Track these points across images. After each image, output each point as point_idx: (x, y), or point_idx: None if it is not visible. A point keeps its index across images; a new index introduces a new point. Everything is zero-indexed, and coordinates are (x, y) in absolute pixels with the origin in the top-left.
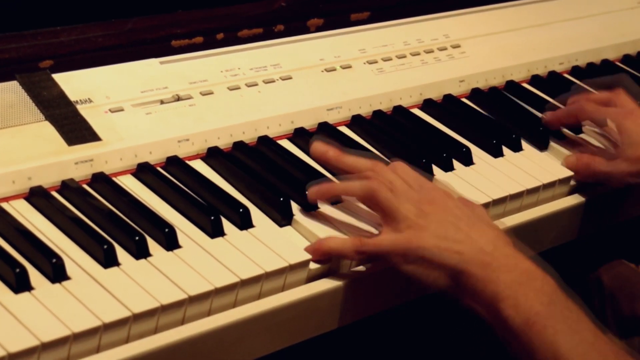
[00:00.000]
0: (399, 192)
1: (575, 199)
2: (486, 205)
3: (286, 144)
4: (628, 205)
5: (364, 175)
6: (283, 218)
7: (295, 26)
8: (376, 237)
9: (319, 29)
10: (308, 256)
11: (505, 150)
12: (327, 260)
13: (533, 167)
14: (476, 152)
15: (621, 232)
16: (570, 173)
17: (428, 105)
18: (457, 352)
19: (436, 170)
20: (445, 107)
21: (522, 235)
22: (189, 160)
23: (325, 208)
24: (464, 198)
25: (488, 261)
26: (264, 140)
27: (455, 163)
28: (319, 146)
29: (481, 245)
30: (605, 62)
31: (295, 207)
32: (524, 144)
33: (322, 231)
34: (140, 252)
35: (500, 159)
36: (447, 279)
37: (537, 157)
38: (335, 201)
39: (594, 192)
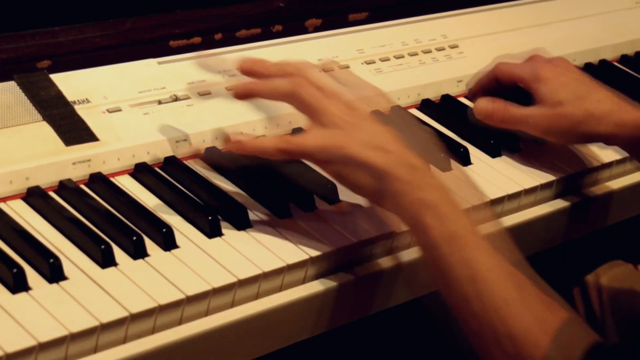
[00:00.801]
0: (328, 90)
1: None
2: (484, 206)
3: None
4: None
5: (291, 75)
6: (280, 217)
7: (293, 26)
8: (302, 135)
9: (317, 29)
10: (306, 256)
11: (503, 150)
12: None
13: (531, 167)
14: (474, 152)
15: (616, 232)
16: (568, 173)
17: (426, 105)
18: (456, 352)
19: (434, 169)
20: (443, 107)
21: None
22: (187, 160)
23: (323, 206)
24: None
25: (417, 166)
26: None
27: (453, 163)
28: (246, 63)
29: (410, 145)
30: (603, 62)
31: (293, 206)
32: (522, 144)
33: (320, 231)
34: (137, 252)
35: (498, 159)
36: (372, 179)
37: (535, 157)
38: (333, 201)
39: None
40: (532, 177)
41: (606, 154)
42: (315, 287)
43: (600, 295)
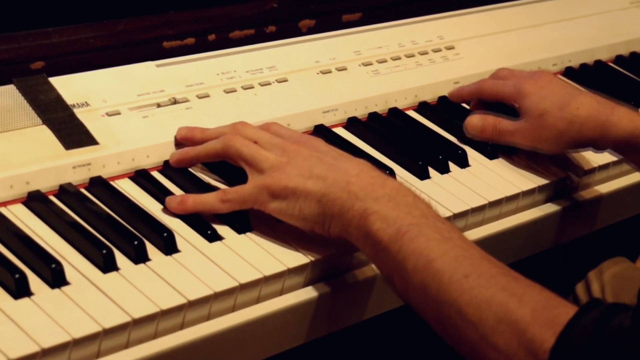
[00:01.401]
0: (261, 142)
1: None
2: (482, 208)
3: None
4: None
5: (225, 133)
6: (281, 221)
7: (287, 27)
8: (240, 186)
9: (311, 30)
10: (307, 260)
11: (500, 152)
12: None
13: (528, 169)
14: (472, 154)
15: (619, 229)
16: (564, 175)
17: (423, 107)
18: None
19: (432, 172)
20: (441, 108)
21: (519, 237)
22: None
23: None
24: None
25: (354, 182)
26: None
27: (451, 165)
28: (183, 131)
29: (346, 169)
30: (598, 63)
31: None
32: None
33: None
34: (139, 256)
35: (495, 160)
36: (313, 206)
37: (531, 159)
38: None
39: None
40: (529, 179)
41: (602, 156)
42: (316, 290)
43: (603, 292)
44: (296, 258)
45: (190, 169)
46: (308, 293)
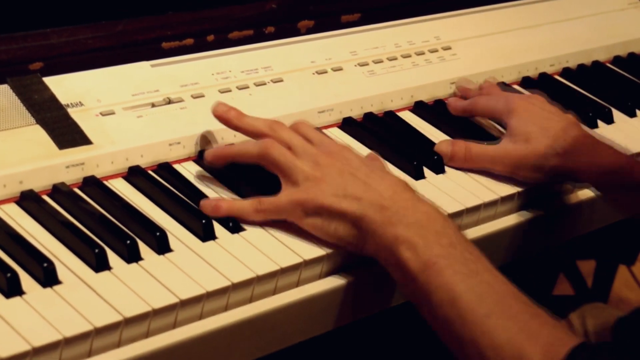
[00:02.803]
0: (296, 148)
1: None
2: (477, 208)
3: None
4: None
5: (261, 135)
6: (274, 220)
7: (286, 28)
8: (275, 195)
9: (310, 30)
10: (300, 259)
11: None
12: None
13: None
14: None
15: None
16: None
17: (419, 107)
18: None
19: (427, 172)
20: (436, 109)
21: (516, 237)
22: (181, 163)
23: None
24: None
25: (387, 205)
26: None
27: (448, 169)
28: (220, 106)
29: (380, 190)
30: (596, 64)
31: None
32: None
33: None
34: (131, 256)
35: None
36: (347, 227)
37: None
38: None
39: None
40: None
41: None
42: (309, 289)
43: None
44: (290, 257)
45: (184, 175)
46: (301, 292)
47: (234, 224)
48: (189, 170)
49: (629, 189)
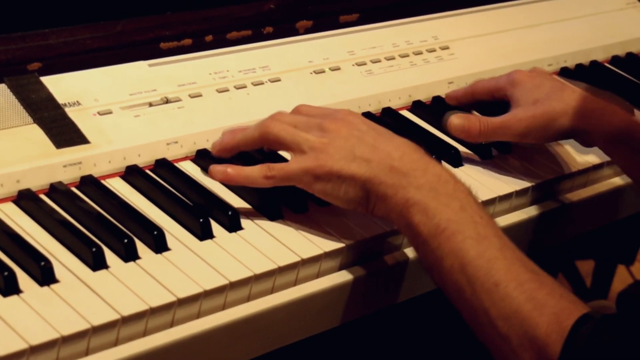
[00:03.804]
0: (300, 124)
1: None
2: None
3: None
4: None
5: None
6: (272, 219)
7: (284, 28)
8: (285, 163)
9: (308, 30)
10: (298, 258)
11: (494, 152)
12: None
13: (523, 169)
14: (465, 153)
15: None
16: (560, 174)
17: (417, 106)
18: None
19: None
20: (434, 108)
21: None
22: (178, 162)
23: (315, 207)
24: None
25: (397, 166)
26: None
27: (445, 164)
28: (217, 148)
29: (389, 151)
30: (594, 64)
31: (285, 208)
32: (513, 146)
33: (312, 232)
34: (129, 254)
35: (489, 160)
36: (357, 189)
37: (525, 159)
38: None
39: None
40: (523, 179)
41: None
42: (307, 288)
43: None
44: (287, 256)
45: (183, 170)
46: (300, 291)
47: (232, 223)
48: (187, 170)
49: (637, 151)
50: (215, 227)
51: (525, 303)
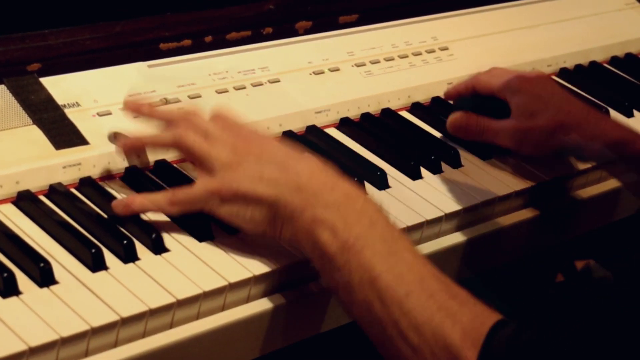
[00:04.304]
0: (212, 137)
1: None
2: (474, 208)
3: None
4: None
5: (176, 124)
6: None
7: (284, 29)
8: (190, 185)
9: (308, 31)
10: (296, 259)
11: (493, 152)
12: None
13: (522, 170)
14: (465, 154)
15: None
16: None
17: (416, 107)
18: None
19: (424, 172)
20: (434, 109)
21: (512, 237)
22: (177, 163)
23: None
24: None
25: (304, 186)
26: None
27: (444, 165)
28: (130, 103)
29: (297, 171)
30: (593, 64)
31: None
32: None
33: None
34: (128, 256)
35: (488, 161)
36: (264, 211)
37: (526, 160)
38: None
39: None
40: (522, 180)
41: None
42: (307, 290)
43: None
44: (287, 257)
45: (182, 171)
46: (297, 293)
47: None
48: (186, 170)
49: (631, 163)
50: (215, 228)
51: (437, 312)
